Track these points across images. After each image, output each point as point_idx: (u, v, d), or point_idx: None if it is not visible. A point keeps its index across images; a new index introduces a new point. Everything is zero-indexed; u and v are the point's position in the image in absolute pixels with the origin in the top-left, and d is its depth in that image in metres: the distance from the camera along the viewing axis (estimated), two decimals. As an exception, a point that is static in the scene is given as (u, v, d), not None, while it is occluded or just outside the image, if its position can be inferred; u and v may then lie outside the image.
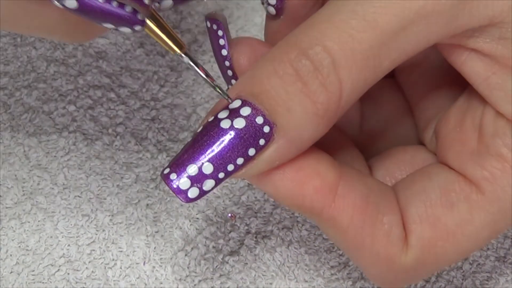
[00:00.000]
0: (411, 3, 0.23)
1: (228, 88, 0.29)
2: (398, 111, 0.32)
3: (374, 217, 0.26)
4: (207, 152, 0.24)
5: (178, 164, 0.24)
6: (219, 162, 0.24)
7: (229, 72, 0.28)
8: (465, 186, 0.26)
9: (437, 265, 0.27)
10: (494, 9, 0.23)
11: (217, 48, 0.28)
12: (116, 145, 0.38)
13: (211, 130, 0.24)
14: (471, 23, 0.24)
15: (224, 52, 0.28)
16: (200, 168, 0.24)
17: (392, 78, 0.33)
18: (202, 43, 0.41)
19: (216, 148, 0.23)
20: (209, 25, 0.28)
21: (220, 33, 0.28)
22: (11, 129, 0.38)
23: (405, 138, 0.32)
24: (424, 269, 0.27)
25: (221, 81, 0.28)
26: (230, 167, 0.24)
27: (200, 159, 0.24)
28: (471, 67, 0.25)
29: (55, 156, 0.37)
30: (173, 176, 0.24)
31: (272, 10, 0.29)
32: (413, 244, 0.26)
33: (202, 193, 0.24)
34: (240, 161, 0.24)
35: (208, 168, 0.24)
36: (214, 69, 0.40)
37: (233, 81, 0.29)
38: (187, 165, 0.24)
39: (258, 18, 0.42)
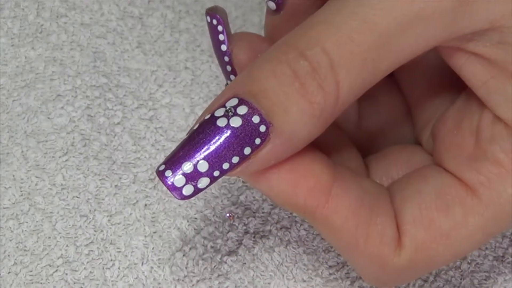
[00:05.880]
0: (411, 6, 0.23)
1: (227, 83, 0.29)
2: (396, 110, 0.32)
3: (368, 218, 0.26)
4: (203, 150, 0.23)
5: (173, 161, 0.24)
6: (215, 160, 0.23)
7: (228, 68, 0.28)
8: (461, 189, 0.26)
9: (430, 266, 0.27)
10: (495, 13, 0.23)
11: (216, 43, 0.28)
12: (114, 146, 0.38)
13: (207, 128, 0.24)
14: (471, 27, 0.23)
15: (224, 47, 0.28)
16: (195, 166, 0.23)
17: (392, 77, 0.32)
18: (200, 42, 0.41)
19: (211, 146, 0.23)
20: (209, 19, 0.28)
21: (220, 28, 0.28)
22: (8, 129, 0.38)
23: (403, 137, 0.32)
24: (417, 270, 0.27)
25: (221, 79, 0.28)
26: (225, 166, 0.24)
27: (196, 156, 0.23)
28: (470, 70, 0.25)
29: (53, 157, 0.37)
30: (168, 173, 0.24)
31: (272, 5, 0.28)
32: (406, 245, 0.26)
33: (197, 190, 0.24)
34: (235, 159, 0.24)
35: (203, 166, 0.23)
36: (213, 69, 0.40)
37: (232, 77, 0.29)
38: (182, 162, 0.24)
39: (257, 18, 0.42)
